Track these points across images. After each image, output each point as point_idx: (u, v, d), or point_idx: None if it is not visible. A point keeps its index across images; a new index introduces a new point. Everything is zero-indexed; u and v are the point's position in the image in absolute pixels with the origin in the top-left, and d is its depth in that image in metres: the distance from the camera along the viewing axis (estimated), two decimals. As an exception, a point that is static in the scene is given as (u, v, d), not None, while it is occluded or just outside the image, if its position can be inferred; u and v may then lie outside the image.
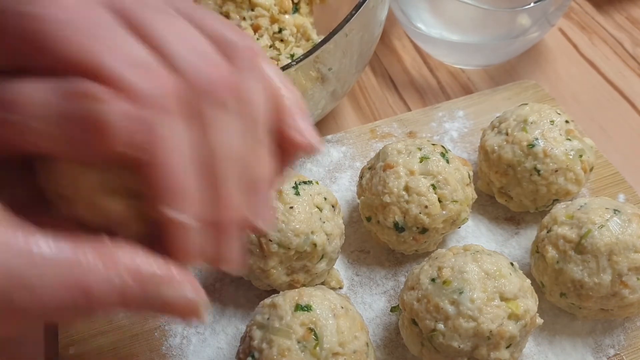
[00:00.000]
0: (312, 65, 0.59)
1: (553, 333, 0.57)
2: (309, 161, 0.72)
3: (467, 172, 0.61)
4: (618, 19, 0.93)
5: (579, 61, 0.87)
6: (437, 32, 0.81)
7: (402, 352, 0.56)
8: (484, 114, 0.76)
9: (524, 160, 0.60)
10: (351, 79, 0.69)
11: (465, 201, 0.60)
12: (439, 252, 0.54)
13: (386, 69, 0.87)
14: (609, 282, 0.52)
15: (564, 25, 0.92)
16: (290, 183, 0.57)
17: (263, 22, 0.71)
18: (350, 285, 0.62)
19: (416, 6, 0.82)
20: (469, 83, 0.84)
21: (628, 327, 0.58)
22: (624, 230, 0.52)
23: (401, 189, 0.57)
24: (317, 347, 0.46)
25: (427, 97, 0.83)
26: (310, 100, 0.63)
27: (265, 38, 0.70)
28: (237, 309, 0.60)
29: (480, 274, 0.49)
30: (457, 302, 0.48)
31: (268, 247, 0.53)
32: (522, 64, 0.86)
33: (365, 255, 0.64)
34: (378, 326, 0.59)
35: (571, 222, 0.54)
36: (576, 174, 0.60)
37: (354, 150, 0.74)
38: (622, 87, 0.82)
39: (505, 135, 0.63)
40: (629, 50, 0.88)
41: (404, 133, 0.75)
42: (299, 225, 0.54)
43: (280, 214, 0.54)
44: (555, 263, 0.54)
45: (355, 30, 0.60)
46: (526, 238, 0.64)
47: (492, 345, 0.48)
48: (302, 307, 0.48)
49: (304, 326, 0.47)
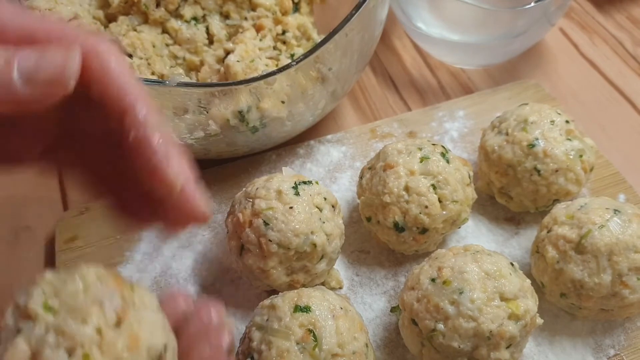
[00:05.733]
0: (312, 65, 0.59)
1: (553, 333, 0.57)
2: (309, 161, 0.72)
3: (467, 172, 0.61)
4: (618, 18, 0.93)
5: (580, 61, 0.87)
6: (437, 32, 0.81)
7: (402, 352, 0.56)
8: (484, 114, 0.76)
9: (524, 160, 0.60)
10: (351, 79, 0.69)
11: (465, 201, 0.59)
12: (439, 252, 0.54)
13: (386, 69, 0.87)
14: (609, 283, 0.51)
15: (565, 25, 0.92)
16: (290, 183, 0.57)
17: (267, 23, 0.71)
18: (350, 286, 0.62)
19: (416, 6, 0.82)
20: (469, 83, 0.84)
21: (628, 327, 0.58)
22: (624, 231, 0.52)
23: (401, 189, 0.57)
24: (316, 348, 0.46)
25: (428, 97, 0.83)
26: (310, 100, 0.63)
27: (268, 39, 0.71)
28: (237, 309, 0.60)
29: (480, 274, 0.49)
30: (457, 302, 0.48)
31: (268, 247, 0.53)
32: (522, 63, 0.86)
33: (365, 255, 0.64)
34: (378, 326, 0.58)
35: (571, 222, 0.54)
36: (576, 174, 0.60)
37: (354, 150, 0.74)
38: (622, 87, 0.82)
39: (505, 135, 0.62)
40: (630, 50, 0.88)
41: (404, 133, 0.75)
42: (298, 225, 0.54)
43: (280, 214, 0.54)
44: (555, 263, 0.54)
45: (355, 30, 0.60)
46: (526, 238, 0.64)
47: (492, 346, 0.48)
48: (301, 308, 0.48)
49: (303, 327, 0.47)
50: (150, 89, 0.54)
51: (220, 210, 0.68)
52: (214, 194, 0.69)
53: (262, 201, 0.55)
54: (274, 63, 0.69)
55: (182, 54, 0.71)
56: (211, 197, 0.69)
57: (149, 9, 0.70)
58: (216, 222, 0.67)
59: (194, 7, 0.72)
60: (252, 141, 0.65)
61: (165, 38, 0.71)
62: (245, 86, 0.56)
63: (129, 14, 0.71)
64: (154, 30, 0.71)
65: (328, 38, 0.57)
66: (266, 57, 0.69)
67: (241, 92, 0.57)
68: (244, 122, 0.60)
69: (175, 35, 0.71)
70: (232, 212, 0.58)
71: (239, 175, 0.71)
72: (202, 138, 0.61)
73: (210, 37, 0.72)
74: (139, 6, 0.69)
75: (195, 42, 0.71)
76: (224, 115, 0.58)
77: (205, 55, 0.71)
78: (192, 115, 0.58)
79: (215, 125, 0.59)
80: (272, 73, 0.56)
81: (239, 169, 0.72)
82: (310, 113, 0.66)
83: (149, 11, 0.70)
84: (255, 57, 0.67)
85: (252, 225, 0.54)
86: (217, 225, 0.67)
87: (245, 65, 0.66)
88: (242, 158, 0.72)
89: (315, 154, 0.73)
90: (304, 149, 0.74)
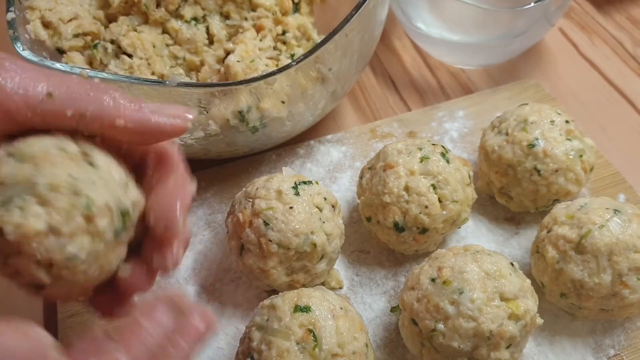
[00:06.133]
0: (312, 66, 0.59)
1: (553, 333, 0.57)
2: (309, 161, 0.72)
3: (467, 172, 0.61)
4: (618, 19, 0.93)
5: (579, 61, 0.87)
6: (437, 32, 0.81)
7: (402, 352, 0.56)
8: (484, 114, 0.76)
9: (524, 160, 0.60)
10: (351, 79, 0.69)
11: (465, 201, 0.59)
12: (439, 252, 0.54)
13: (386, 69, 0.87)
14: (609, 282, 0.51)
15: (564, 25, 0.92)
16: (290, 183, 0.57)
17: (267, 23, 0.71)
18: (350, 286, 0.62)
19: (416, 6, 0.82)
20: (469, 83, 0.84)
21: (628, 327, 0.58)
22: (624, 231, 0.52)
23: (401, 189, 0.57)
24: (316, 348, 0.46)
25: (427, 97, 0.83)
26: (310, 100, 0.63)
27: (268, 39, 0.71)
28: (237, 308, 0.60)
29: (480, 274, 0.49)
30: (457, 302, 0.48)
31: (268, 247, 0.53)
32: (522, 63, 0.86)
33: (365, 255, 0.64)
34: (378, 326, 0.58)
35: (571, 222, 0.54)
36: (576, 174, 0.60)
37: (354, 150, 0.74)
38: (622, 87, 0.82)
39: (505, 135, 0.62)
40: (629, 50, 0.88)
41: (404, 133, 0.75)
42: (298, 225, 0.54)
43: (280, 214, 0.54)
44: (555, 263, 0.54)
45: (355, 30, 0.60)
46: (526, 238, 0.64)
47: (492, 346, 0.48)
48: (301, 308, 0.48)
49: (303, 327, 0.47)
50: (150, 89, 0.54)
51: (220, 210, 0.68)
52: (214, 194, 0.69)
53: (262, 201, 0.55)
54: (274, 63, 0.69)
55: (182, 54, 0.71)
56: (211, 197, 0.69)
57: (149, 9, 0.70)
58: (216, 222, 0.67)
59: (194, 8, 0.72)
60: (252, 141, 0.65)
61: (165, 38, 0.71)
62: (245, 86, 0.56)
63: (129, 14, 0.71)
64: (154, 31, 0.71)
65: (328, 38, 0.57)
66: (266, 57, 0.69)
67: (241, 92, 0.57)
68: (244, 122, 0.60)
69: (175, 36, 0.71)
70: (232, 212, 0.58)
71: (239, 175, 0.71)
72: (202, 138, 0.61)
73: (211, 37, 0.72)
74: (139, 6, 0.69)
75: (196, 42, 0.71)
76: (224, 115, 0.58)
77: (205, 55, 0.71)
78: (192, 115, 0.58)
79: (215, 125, 0.59)
80: (272, 73, 0.56)
81: (239, 169, 0.72)
82: (310, 113, 0.66)
83: (149, 11, 0.70)
84: (255, 57, 0.67)
85: (252, 225, 0.54)
86: (217, 225, 0.67)
87: (245, 66, 0.66)
88: (242, 158, 0.72)
89: (315, 154, 0.73)
90: (304, 149, 0.74)
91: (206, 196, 0.69)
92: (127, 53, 0.68)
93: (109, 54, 0.68)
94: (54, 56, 0.65)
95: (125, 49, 0.68)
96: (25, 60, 0.55)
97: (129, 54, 0.68)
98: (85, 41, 0.67)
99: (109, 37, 0.69)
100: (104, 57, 0.68)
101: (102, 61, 0.68)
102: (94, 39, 0.68)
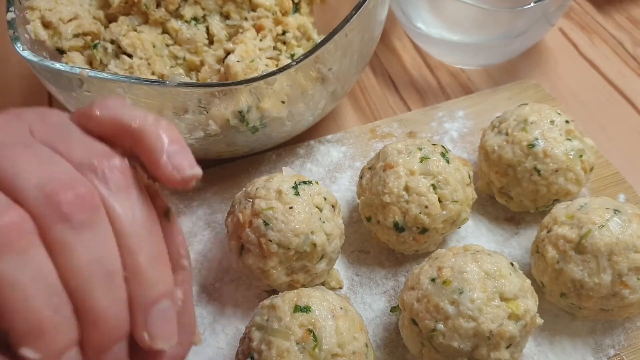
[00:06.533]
0: (312, 66, 0.59)
1: (553, 333, 0.57)
2: (309, 161, 0.72)
3: (467, 172, 0.61)
4: (618, 19, 0.93)
5: (579, 61, 0.87)
6: (437, 32, 0.81)
7: (402, 352, 0.56)
8: (484, 114, 0.76)
9: (524, 160, 0.60)
10: (351, 79, 0.69)
11: (465, 201, 0.59)
12: (439, 252, 0.54)
13: (386, 69, 0.87)
14: (609, 282, 0.51)
15: (564, 25, 0.92)
16: (290, 183, 0.57)
17: (267, 23, 0.71)
18: (350, 286, 0.62)
19: (416, 6, 0.82)
20: (469, 83, 0.84)
21: (628, 327, 0.58)
22: (624, 230, 0.52)
23: (401, 189, 0.57)
24: (316, 348, 0.46)
25: (427, 97, 0.83)
26: (310, 100, 0.63)
27: (268, 39, 0.71)
28: (237, 308, 0.60)
29: (480, 274, 0.49)
30: (457, 302, 0.48)
31: (268, 247, 0.53)
32: (522, 63, 0.86)
33: (365, 255, 0.64)
34: (378, 326, 0.58)
35: (571, 222, 0.54)
36: (576, 174, 0.60)
37: (354, 150, 0.74)
38: (622, 87, 0.82)
39: (505, 135, 0.63)
40: (629, 50, 0.88)
41: (404, 133, 0.75)
42: (298, 225, 0.54)
43: (280, 214, 0.54)
44: (555, 263, 0.54)
45: (355, 30, 0.60)
46: (526, 238, 0.64)
47: (492, 346, 0.48)
48: (301, 308, 0.48)
49: (303, 327, 0.47)
50: (150, 89, 0.54)
51: (220, 210, 0.68)
52: (214, 194, 0.69)
53: (262, 201, 0.55)
54: (274, 63, 0.69)
55: (182, 54, 0.71)
56: (211, 197, 0.69)
57: (149, 9, 0.70)
58: (216, 222, 0.67)
59: (194, 8, 0.72)
60: (252, 141, 0.65)
61: (165, 38, 0.71)
62: (245, 86, 0.56)
63: (129, 14, 0.71)
64: (154, 31, 0.71)
65: (328, 38, 0.57)
66: (266, 57, 0.69)
67: (241, 92, 0.57)
68: (244, 122, 0.60)
69: (175, 36, 0.71)
70: (232, 212, 0.58)
71: (239, 175, 0.71)
72: (202, 138, 0.61)
73: (211, 37, 0.72)
74: (139, 6, 0.69)
75: (196, 42, 0.71)
76: (224, 115, 0.58)
77: (205, 55, 0.71)
78: (192, 115, 0.58)
79: (215, 125, 0.59)
80: (272, 73, 0.56)
81: (239, 169, 0.72)
82: (310, 113, 0.66)
83: (149, 11, 0.70)
84: (256, 57, 0.67)
85: (252, 225, 0.54)
86: (217, 225, 0.67)
87: (245, 66, 0.66)
88: (242, 158, 0.72)
89: (315, 154, 0.73)
90: (304, 149, 0.74)
91: (206, 196, 0.69)
92: (127, 53, 0.68)
93: (109, 54, 0.68)
94: (54, 56, 0.65)
95: (125, 49, 0.68)
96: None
97: (129, 54, 0.68)
98: (85, 41, 0.67)
99: (109, 37, 0.69)
100: (104, 57, 0.68)
101: (102, 61, 0.68)
102: (94, 39, 0.68)
